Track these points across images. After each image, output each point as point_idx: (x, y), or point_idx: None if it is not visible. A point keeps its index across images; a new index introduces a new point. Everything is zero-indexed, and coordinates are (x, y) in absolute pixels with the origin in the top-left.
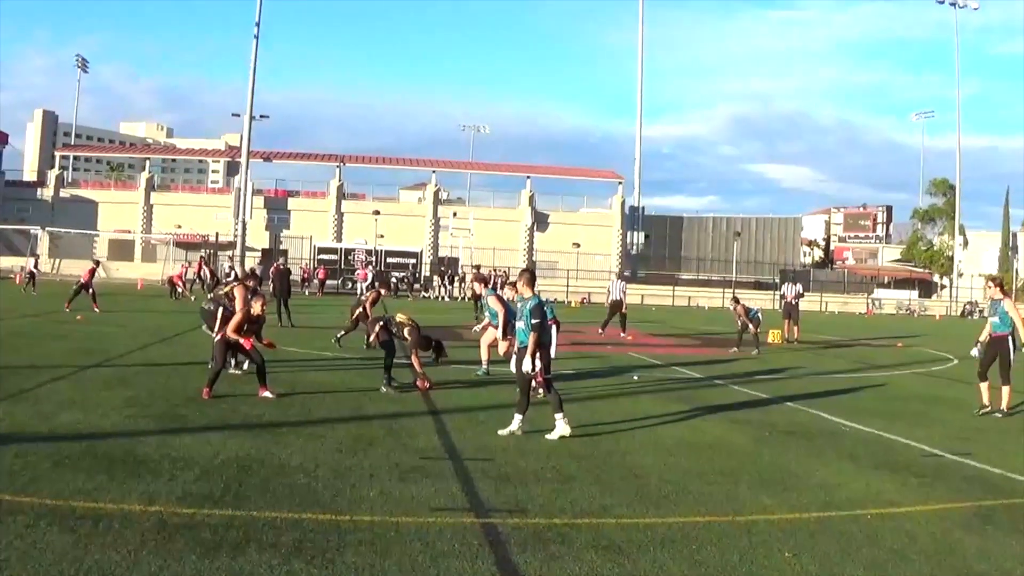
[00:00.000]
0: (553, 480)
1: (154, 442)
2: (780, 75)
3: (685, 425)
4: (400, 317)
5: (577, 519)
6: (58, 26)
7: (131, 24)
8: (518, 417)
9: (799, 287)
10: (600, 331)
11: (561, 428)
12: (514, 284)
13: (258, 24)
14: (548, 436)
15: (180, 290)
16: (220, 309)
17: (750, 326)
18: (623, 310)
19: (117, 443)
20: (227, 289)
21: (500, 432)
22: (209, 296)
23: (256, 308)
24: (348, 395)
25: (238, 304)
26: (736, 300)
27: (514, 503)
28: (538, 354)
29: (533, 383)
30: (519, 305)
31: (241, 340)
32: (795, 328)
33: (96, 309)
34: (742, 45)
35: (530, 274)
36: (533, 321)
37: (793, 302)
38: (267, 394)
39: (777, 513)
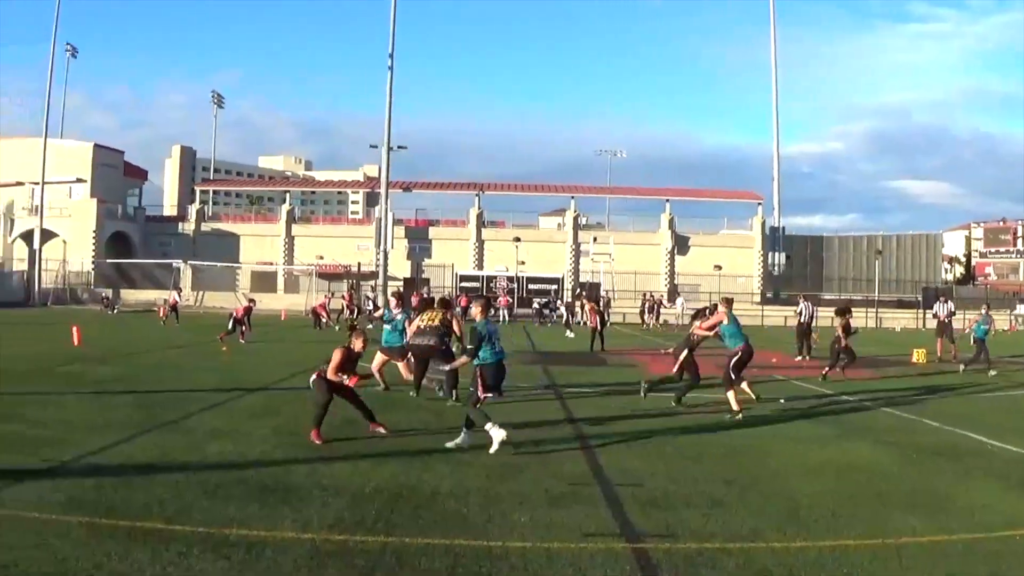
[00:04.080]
0: (703, 504)
1: (304, 470)
2: (916, 88)
3: (833, 447)
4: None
5: (728, 543)
6: (195, 63)
7: (268, 59)
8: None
9: (951, 305)
10: (799, 357)
11: (497, 436)
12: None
13: (392, 55)
14: (492, 449)
15: (324, 320)
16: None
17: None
18: (811, 334)
19: (267, 471)
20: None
21: (448, 444)
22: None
23: (358, 345)
24: (498, 420)
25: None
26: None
27: (664, 528)
28: (480, 373)
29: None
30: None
31: (346, 379)
32: (951, 346)
33: (242, 340)
34: (877, 60)
35: (486, 301)
36: (469, 347)
37: (946, 320)
38: (381, 429)
39: (926, 535)
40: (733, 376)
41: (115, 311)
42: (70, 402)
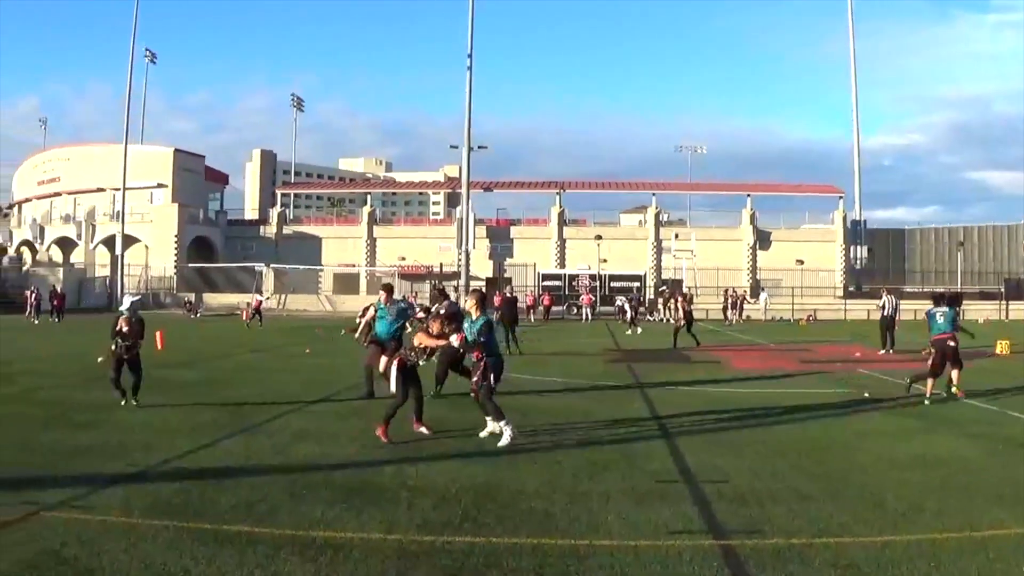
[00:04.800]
0: (789, 499)
1: (390, 471)
2: (997, 79)
3: (918, 440)
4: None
5: (815, 538)
6: (275, 66)
7: (347, 61)
8: (500, 426)
9: None
10: (882, 351)
11: (507, 434)
12: None
13: (471, 56)
14: (500, 443)
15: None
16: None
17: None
18: (894, 327)
19: (353, 473)
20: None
21: (481, 434)
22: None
23: (435, 329)
24: (580, 420)
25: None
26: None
27: (751, 524)
28: (487, 367)
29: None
30: (466, 324)
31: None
32: None
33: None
34: (958, 50)
35: (480, 294)
36: (481, 339)
37: None
38: (424, 429)
39: (1013, 528)
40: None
41: (198, 315)
42: (155, 407)
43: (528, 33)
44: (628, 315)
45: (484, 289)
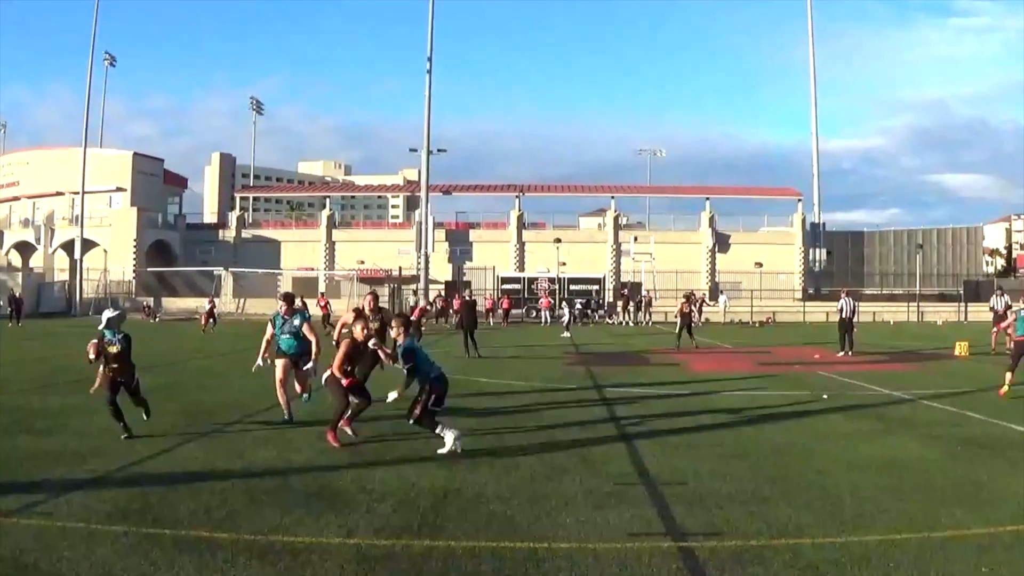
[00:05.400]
0: (748, 502)
1: (349, 476)
2: (957, 82)
3: (877, 442)
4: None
5: (773, 540)
6: (235, 70)
7: (307, 65)
8: (443, 433)
9: (1007, 298)
10: (841, 353)
11: (450, 439)
12: None
13: (430, 59)
14: (441, 450)
15: None
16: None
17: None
18: (853, 329)
19: (312, 478)
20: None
21: (440, 451)
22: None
23: (357, 331)
24: (539, 423)
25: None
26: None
27: (710, 526)
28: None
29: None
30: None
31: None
32: (1007, 339)
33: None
34: (918, 54)
35: (404, 319)
36: (407, 366)
37: (1003, 312)
38: (347, 429)
39: (973, 528)
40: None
41: (157, 319)
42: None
43: (490, 36)
44: (566, 319)
45: (424, 306)
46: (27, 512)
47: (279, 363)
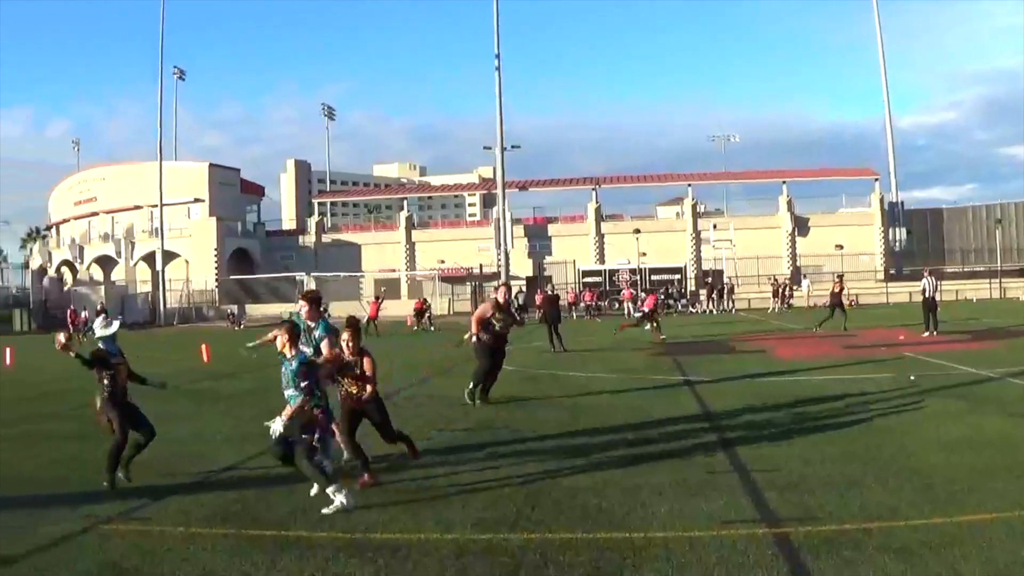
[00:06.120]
0: (840, 485)
1: (443, 471)
2: None
3: (965, 422)
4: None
5: (867, 523)
6: (304, 76)
7: (376, 68)
8: (328, 491)
9: None
10: (926, 333)
11: (338, 500)
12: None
13: (498, 56)
14: (326, 510)
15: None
16: None
17: None
18: (936, 309)
19: (407, 474)
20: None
21: (312, 492)
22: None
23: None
24: (628, 414)
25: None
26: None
27: (804, 511)
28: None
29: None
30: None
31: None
32: None
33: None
34: (987, 25)
35: (290, 326)
36: (303, 384)
37: None
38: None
39: None
40: None
41: (241, 326)
42: (206, 418)
43: (557, 29)
44: (627, 311)
45: (525, 288)
46: (125, 518)
47: None
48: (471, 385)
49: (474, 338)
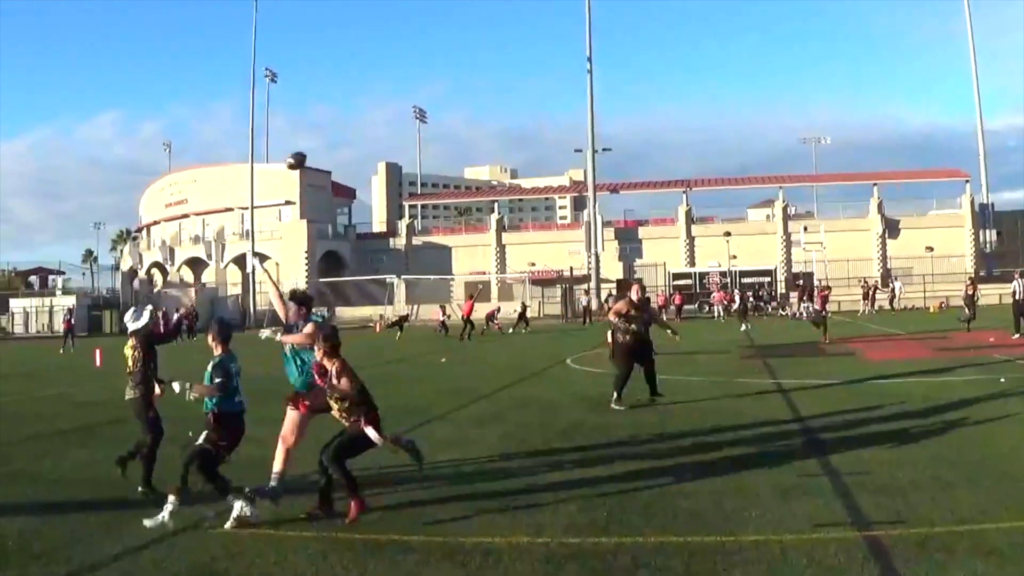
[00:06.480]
0: (931, 489)
1: (533, 476)
2: None
3: None
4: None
5: (958, 526)
6: (396, 79)
7: (468, 70)
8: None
9: None
10: (1016, 335)
11: (237, 507)
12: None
13: (590, 59)
14: (227, 525)
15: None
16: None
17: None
18: None
19: (497, 478)
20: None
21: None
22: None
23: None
24: (718, 418)
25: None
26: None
27: (894, 514)
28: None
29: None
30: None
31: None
32: None
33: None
34: None
35: (217, 325)
36: (217, 381)
37: None
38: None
39: None
40: None
41: None
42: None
43: (648, 31)
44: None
45: (615, 290)
46: (217, 521)
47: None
48: (614, 395)
49: (609, 338)
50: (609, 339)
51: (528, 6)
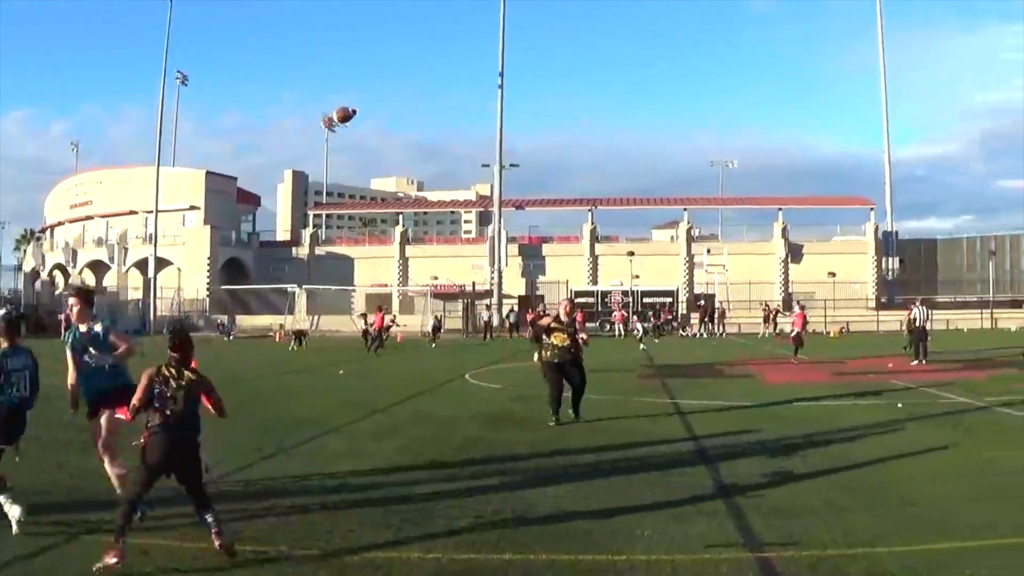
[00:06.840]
0: (825, 512)
1: (426, 491)
2: None
3: (953, 451)
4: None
5: (850, 549)
6: (308, 88)
7: (379, 81)
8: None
9: None
10: (914, 362)
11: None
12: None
13: (502, 74)
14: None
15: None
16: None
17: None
18: (926, 338)
19: (390, 493)
20: None
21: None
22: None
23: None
24: (614, 436)
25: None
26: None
27: (787, 536)
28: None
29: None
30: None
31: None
32: None
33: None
34: (990, 58)
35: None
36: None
37: None
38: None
39: None
40: None
41: (231, 337)
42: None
43: (561, 50)
44: (638, 332)
45: (518, 307)
46: (103, 530)
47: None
48: (551, 412)
49: (535, 357)
50: (536, 357)
51: (444, 21)
